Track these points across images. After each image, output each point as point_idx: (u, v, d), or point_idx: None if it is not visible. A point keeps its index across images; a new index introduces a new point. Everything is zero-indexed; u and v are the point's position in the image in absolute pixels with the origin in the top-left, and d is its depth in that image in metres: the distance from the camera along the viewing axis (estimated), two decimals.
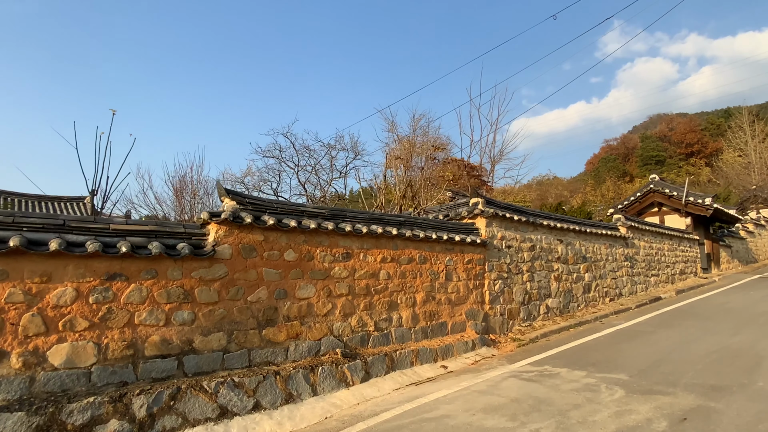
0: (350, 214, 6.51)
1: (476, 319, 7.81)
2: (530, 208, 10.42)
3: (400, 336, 6.58)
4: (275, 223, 5.41)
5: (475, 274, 7.99)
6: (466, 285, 7.78)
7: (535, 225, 9.55)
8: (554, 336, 8.13)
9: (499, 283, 8.39)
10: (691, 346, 6.57)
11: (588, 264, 10.96)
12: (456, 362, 6.62)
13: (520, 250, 9.07)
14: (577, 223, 11.00)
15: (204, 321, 4.83)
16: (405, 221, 7.20)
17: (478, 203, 8.58)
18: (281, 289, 5.48)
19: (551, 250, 9.92)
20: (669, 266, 15.27)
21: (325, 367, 5.38)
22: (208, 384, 4.50)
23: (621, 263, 12.41)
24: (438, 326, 7.17)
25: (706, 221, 20.00)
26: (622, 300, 11.73)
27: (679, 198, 18.30)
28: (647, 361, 5.85)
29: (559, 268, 9.98)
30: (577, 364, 5.94)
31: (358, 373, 5.61)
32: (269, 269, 5.42)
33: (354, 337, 6.06)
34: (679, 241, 16.47)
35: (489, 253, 8.35)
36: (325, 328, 5.81)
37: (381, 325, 6.41)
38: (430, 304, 7.14)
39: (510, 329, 8.38)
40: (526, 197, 50.32)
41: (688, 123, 68.15)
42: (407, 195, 10.95)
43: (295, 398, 4.97)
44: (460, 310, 7.61)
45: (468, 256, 7.93)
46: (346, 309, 6.05)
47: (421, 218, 7.75)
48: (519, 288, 8.80)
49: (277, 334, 5.35)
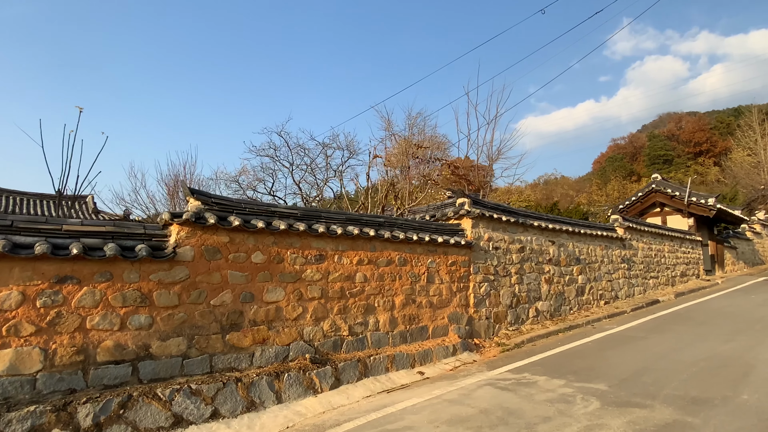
0: (325, 215, 6.32)
1: (459, 322, 7.58)
2: (521, 209, 10.17)
3: (376, 341, 6.37)
4: (241, 224, 5.23)
5: (459, 276, 7.76)
6: (449, 288, 7.55)
7: (525, 226, 9.29)
8: (541, 341, 7.87)
9: (485, 285, 8.15)
10: (680, 353, 6.29)
11: (582, 266, 10.67)
12: (434, 368, 6.40)
13: (508, 251, 8.81)
14: (571, 223, 10.71)
15: (162, 325, 4.66)
16: (384, 222, 6.99)
17: (464, 203, 8.35)
18: (247, 292, 5.30)
19: (542, 251, 9.65)
20: (669, 268, 14.90)
21: (292, 373, 5.19)
22: (162, 391, 4.33)
23: (618, 265, 12.09)
24: (418, 330, 6.95)
25: (710, 222, 19.55)
26: (618, 303, 11.42)
27: (682, 198, 17.87)
28: (631, 369, 5.59)
29: (550, 270, 9.71)
30: (558, 372, 5.69)
31: (328, 379, 5.41)
32: (235, 272, 5.24)
33: (326, 342, 5.86)
34: (680, 242, 16.08)
35: (475, 254, 8.11)
36: (295, 333, 5.62)
37: (356, 330, 6.21)
38: (410, 308, 6.93)
39: (496, 333, 8.14)
40: (530, 197, 50.02)
41: (697, 122, 67.09)
42: (389, 195, 10.73)
43: (258, 406, 4.79)
44: (443, 313, 7.38)
45: (452, 257, 7.71)
46: (318, 313, 5.86)
47: (402, 219, 7.53)
48: (506, 291, 8.55)
49: (242, 339, 5.17)
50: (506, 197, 41.67)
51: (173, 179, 15.27)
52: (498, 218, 8.63)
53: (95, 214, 20.29)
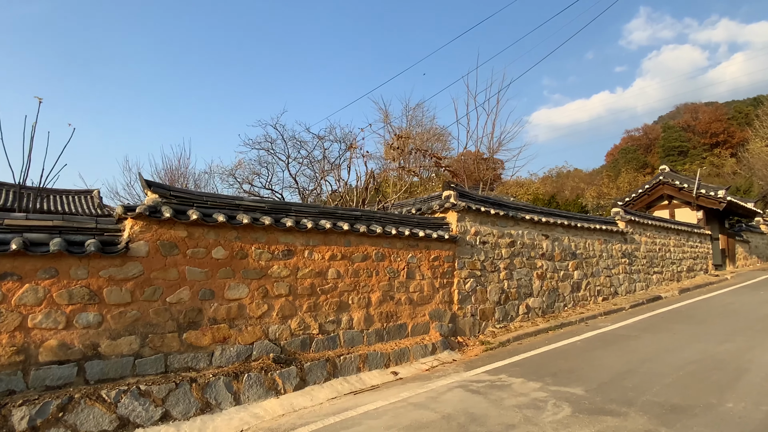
0: (296, 209, 6.06)
1: (442, 320, 7.29)
2: (513, 202, 9.79)
3: (349, 339, 6.13)
4: (200, 218, 5.00)
5: (442, 272, 7.46)
6: (431, 284, 7.26)
7: (515, 220, 8.93)
8: (528, 339, 7.55)
9: (471, 281, 7.84)
10: (671, 354, 5.93)
11: (578, 261, 10.27)
12: (410, 368, 6.14)
13: (497, 246, 8.47)
14: (567, 217, 10.30)
15: (113, 323, 4.46)
16: (362, 216, 6.71)
17: (450, 196, 8.02)
18: (207, 289, 5.08)
19: (535, 246, 9.28)
20: (675, 263, 14.37)
21: (253, 373, 4.97)
22: (108, 393, 4.14)
23: (618, 260, 11.65)
24: (396, 328, 6.68)
25: (721, 215, 18.84)
26: (617, 299, 11.01)
27: (690, 190, 17.21)
28: (614, 372, 5.25)
29: (543, 265, 9.34)
30: (537, 374, 5.38)
31: (292, 380, 5.19)
32: (193, 268, 5.02)
33: (293, 340, 5.63)
34: (687, 236, 15.50)
35: (460, 249, 7.79)
36: (259, 331, 5.39)
37: (327, 328, 5.96)
38: (388, 305, 6.66)
39: (482, 331, 7.83)
40: (538, 189, 49.19)
41: (714, 112, 65.17)
42: (370, 187, 10.43)
43: (213, 408, 4.58)
44: (424, 310, 7.10)
45: (435, 252, 7.40)
46: (285, 311, 5.62)
47: (382, 213, 7.24)
48: (494, 287, 8.23)
49: (201, 338, 4.96)
50: (514, 190, 41.03)
51: (167, 173, 15.16)
52: (486, 211, 8.29)
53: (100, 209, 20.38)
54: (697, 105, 71.89)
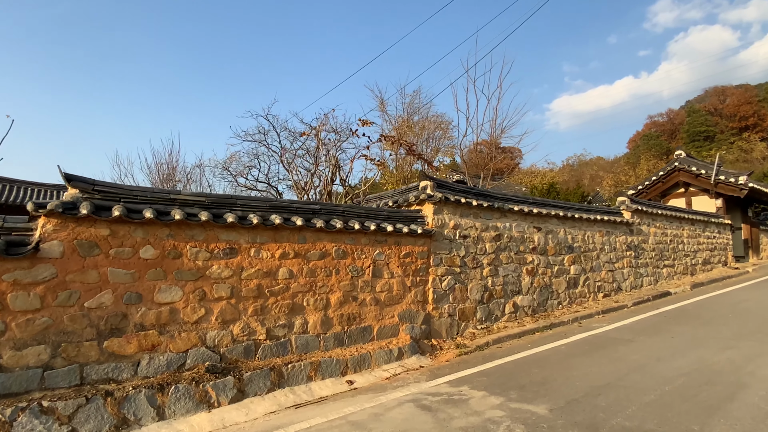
0: (242, 203, 5.55)
1: (414, 321, 6.72)
2: (500, 192, 9.08)
3: (303, 344, 5.62)
4: (123, 215, 4.53)
5: (415, 269, 6.87)
6: (401, 282, 6.68)
7: (502, 211, 8.24)
8: (510, 342, 6.91)
9: (449, 278, 7.22)
10: (662, 363, 5.22)
11: (575, 255, 9.51)
12: (369, 376, 5.60)
13: (480, 240, 7.82)
14: (563, 207, 9.53)
15: (19, 332, 4.05)
16: (321, 209, 6.16)
17: (426, 186, 7.39)
18: (134, 292, 4.63)
19: (525, 239, 8.58)
20: (688, 255, 13.38)
21: (181, 385, 4.51)
22: (3, 410, 3.73)
23: (622, 253, 10.81)
24: (359, 331, 6.15)
25: (743, 203, 17.57)
26: (620, 296, 10.20)
27: (708, 176, 16.03)
28: (590, 385, 4.60)
29: (534, 260, 8.64)
30: (503, 386, 4.78)
31: (228, 392, 4.71)
32: (117, 269, 4.57)
33: (235, 347, 5.15)
34: (703, 226, 14.43)
35: (436, 244, 7.18)
36: (195, 338, 4.93)
37: (276, 333, 5.47)
38: (350, 306, 6.12)
39: (461, 332, 7.23)
40: (554, 178, 47.69)
41: (743, 94, 61.84)
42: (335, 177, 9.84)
43: (132, 425, 4.15)
44: (392, 311, 6.54)
45: (406, 248, 6.81)
46: (226, 314, 5.14)
47: (346, 206, 6.68)
48: (476, 284, 7.59)
49: (125, 346, 4.52)
50: (528, 180, 39.79)
51: (157, 167, 14.91)
52: (467, 203, 7.63)
53: None
54: (725, 87, 68.31)
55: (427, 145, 19.86)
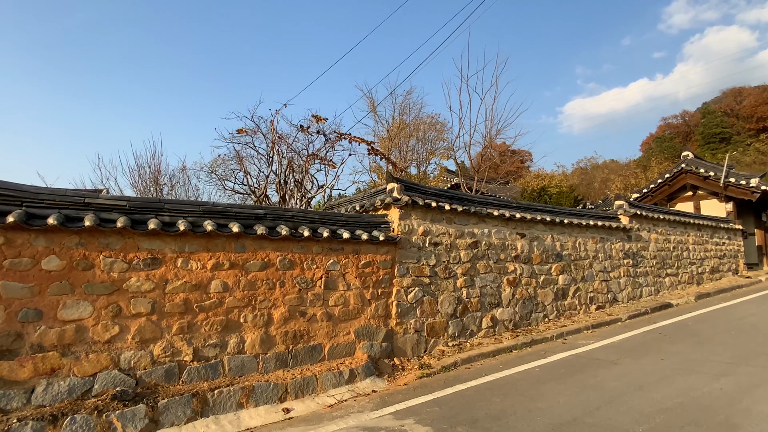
0: (170, 207, 5.00)
1: (373, 338, 6.09)
2: (477, 196, 8.41)
3: (237, 366, 5.03)
4: (21, 221, 4.01)
5: (376, 280, 6.25)
6: (359, 295, 6.07)
7: (480, 216, 7.57)
8: (482, 362, 6.24)
9: (416, 290, 6.58)
10: (643, 393, 4.51)
11: (564, 263, 8.78)
12: (311, 402, 4.98)
13: (454, 247, 7.16)
14: (550, 212, 8.82)
15: None
16: (265, 214, 5.59)
17: (393, 189, 6.78)
18: (32, 309, 4.10)
19: (506, 246, 7.89)
20: (694, 263, 12.49)
21: (79, 416, 3.95)
22: None
23: (619, 261, 10.03)
24: (306, 351, 5.54)
25: (757, 207, 16.55)
26: (615, 308, 9.42)
27: (717, 179, 15.09)
28: (551, 422, 3.92)
29: (516, 269, 7.94)
30: (453, 420, 4.12)
31: (137, 422, 4.14)
32: (12, 283, 4.04)
33: (155, 370, 4.58)
34: (711, 231, 13.52)
35: (402, 252, 6.55)
36: (106, 360, 4.37)
37: (206, 353, 4.89)
38: (297, 322, 5.52)
39: (429, 350, 6.57)
40: (561, 182, 46.57)
41: (760, 94, 59.92)
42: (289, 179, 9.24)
43: None
44: (348, 327, 5.92)
45: (366, 257, 6.20)
46: (145, 333, 4.58)
47: (297, 211, 6.10)
48: (448, 296, 6.93)
49: (17, 370, 3.98)
50: (535, 184, 38.84)
51: (139, 170, 14.51)
52: (439, 207, 7.00)
53: None
54: (741, 88, 66.33)
55: (422, 146, 19.22)
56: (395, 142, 17.56)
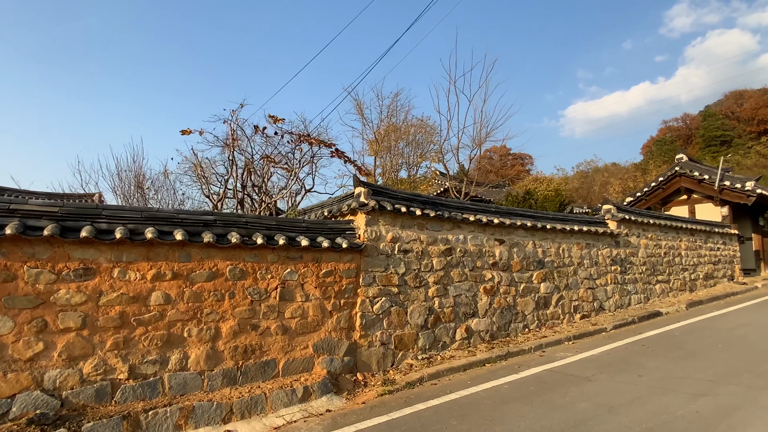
0: (108, 213, 4.68)
1: (334, 352, 5.74)
2: (454, 200, 8.06)
3: (179, 384, 4.69)
4: None
5: (339, 290, 5.90)
6: (320, 306, 5.72)
7: (454, 222, 7.23)
8: (450, 377, 5.87)
9: (383, 300, 6.24)
10: (612, 417, 4.14)
11: (546, 271, 8.41)
12: (258, 424, 4.63)
13: (425, 255, 6.82)
14: (531, 217, 8.46)
15: None
16: (215, 221, 5.26)
17: (360, 194, 6.45)
18: None
19: (483, 253, 7.54)
20: (687, 269, 12.09)
21: None
22: None
23: (606, 268, 9.65)
24: (258, 367, 5.19)
25: (754, 211, 16.15)
26: (601, 317, 9.04)
27: (712, 182, 14.70)
28: None
29: (494, 277, 7.58)
30: None
31: None
32: None
33: (84, 389, 4.25)
34: (705, 236, 13.12)
35: (368, 260, 6.21)
36: (27, 379, 4.04)
37: (144, 370, 4.55)
38: (248, 336, 5.18)
39: (397, 364, 6.22)
40: (560, 185, 46.25)
41: (761, 97, 59.52)
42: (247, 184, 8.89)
43: None
44: (306, 341, 5.57)
45: (328, 265, 5.86)
46: (74, 349, 4.25)
47: (252, 216, 5.76)
48: (418, 306, 6.58)
49: None
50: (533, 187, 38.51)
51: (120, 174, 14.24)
52: (410, 212, 6.66)
53: None
54: (742, 91, 65.89)
55: (413, 149, 18.89)
56: (383, 145, 17.24)
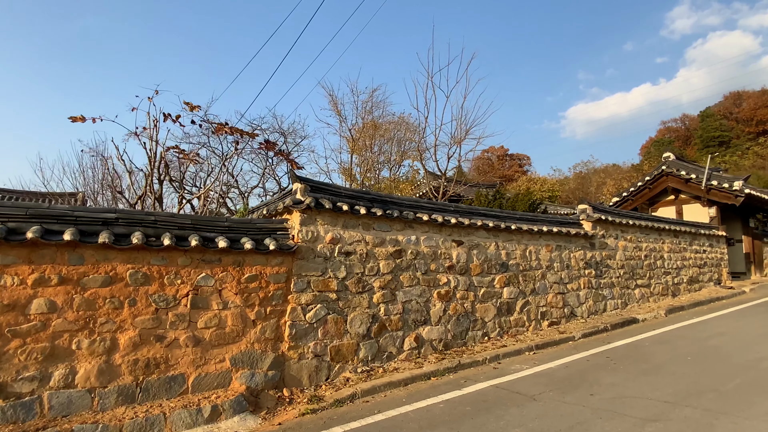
0: None
1: (257, 366, 5.19)
2: (407, 198, 7.49)
3: (63, 404, 4.14)
4: None
5: (264, 297, 5.35)
6: (241, 315, 5.17)
7: (405, 221, 6.68)
8: (387, 393, 5.32)
9: (318, 308, 5.68)
10: None
11: (510, 274, 7.85)
12: None
13: (371, 257, 6.27)
14: (494, 216, 7.90)
15: None
16: (117, 219, 4.71)
17: (296, 191, 5.90)
18: None
19: (439, 255, 6.99)
20: (670, 273, 11.52)
21: None
22: None
23: (579, 272, 9.09)
24: (162, 382, 4.64)
25: (744, 212, 15.58)
26: (571, 324, 8.47)
27: (699, 182, 14.13)
28: None
29: (450, 281, 7.03)
30: None
31: None
32: None
33: None
34: (690, 238, 12.55)
35: (302, 264, 5.66)
36: None
37: (18, 388, 4.00)
38: (151, 348, 4.63)
39: (333, 377, 5.66)
40: (554, 186, 45.67)
41: (760, 97, 58.96)
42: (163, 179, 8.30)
43: None
44: (223, 353, 5.02)
45: (252, 269, 5.31)
46: None
47: (162, 214, 5.20)
48: (360, 314, 6.03)
49: None
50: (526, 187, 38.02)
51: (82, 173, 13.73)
52: (353, 211, 6.11)
53: None
54: (741, 91, 65.33)
55: (396, 147, 18.33)
56: (362, 143, 16.69)
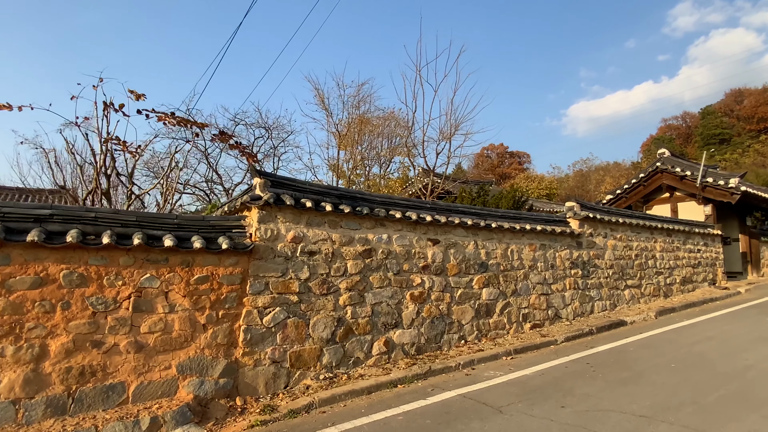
0: None
1: (207, 373, 4.84)
2: (379, 194, 7.14)
3: None
4: None
5: (216, 299, 5.01)
6: (189, 318, 4.82)
7: (376, 219, 6.33)
8: (347, 402, 4.98)
9: (277, 311, 5.34)
10: None
11: (490, 275, 7.50)
12: None
13: (337, 257, 5.92)
14: (473, 214, 7.54)
15: None
16: (52, 215, 4.36)
17: (256, 186, 5.55)
18: None
19: (412, 255, 6.64)
20: (662, 273, 11.15)
21: None
22: None
23: (564, 272, 8.73)
24: (99, 392, 4.29)
25: (741, 210, 15.19)
26: (555, 327, 8.12)
27: (694, 179, 13.75)
28: None
29: (424, 282, 6.68)
30: None
31: None
32: None
33: None
34: (684, 237, 12.18)
35: (259, 264, 5.31)
36: None
37: None
38: (86, 355, 4.28)
39: (293, 385, 5.32)
40: (552, 184, 45.26)
41: (761, 95, 58.43)
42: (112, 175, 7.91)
43: None
44: (169, 360, 4.68)
45: (202, 270, 4.96)
46: None
47: (103, 210, 4.83)
48: (325, 317, 5.68)
49: None
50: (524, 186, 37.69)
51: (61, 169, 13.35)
52: (317, 208, 5.76)
53: None
54: (742, 89, 64.80)
55: (386, 143, 17.96)
56: (350, 138, 16.32)
